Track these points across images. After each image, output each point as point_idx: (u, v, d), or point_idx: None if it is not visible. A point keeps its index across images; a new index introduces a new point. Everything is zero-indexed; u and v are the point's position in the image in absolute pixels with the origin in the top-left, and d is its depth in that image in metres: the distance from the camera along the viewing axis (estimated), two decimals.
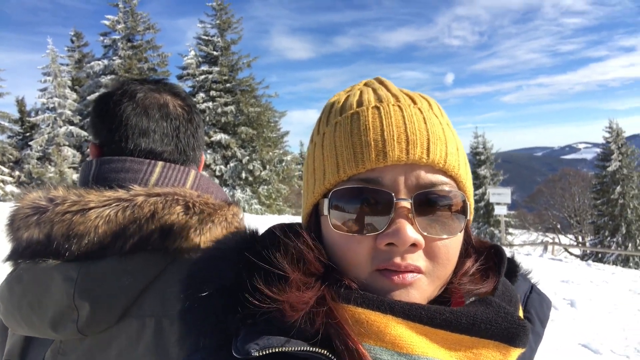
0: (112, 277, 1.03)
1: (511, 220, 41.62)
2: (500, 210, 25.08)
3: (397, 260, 0.70)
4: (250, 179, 32.10)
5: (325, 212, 0.75)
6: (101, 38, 34.69)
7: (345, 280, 0.72)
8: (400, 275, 0.70)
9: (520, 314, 0.83)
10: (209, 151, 32.88)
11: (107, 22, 33.96)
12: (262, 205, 32.26)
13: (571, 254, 28.29)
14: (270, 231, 0.83)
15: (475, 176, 44.22)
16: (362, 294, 0.70)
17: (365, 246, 0.72)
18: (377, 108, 0.75)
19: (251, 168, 31.75)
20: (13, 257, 1.11)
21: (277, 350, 0.66)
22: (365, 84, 0.86)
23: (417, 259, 0.72)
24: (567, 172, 45.91)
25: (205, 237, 1.08)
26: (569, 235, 41.45)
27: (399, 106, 0.75)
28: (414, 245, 0.70)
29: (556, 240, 34.48)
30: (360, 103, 0.78)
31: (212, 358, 0.71)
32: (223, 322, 0.72)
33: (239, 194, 31.20)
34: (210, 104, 33.15)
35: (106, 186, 1.12)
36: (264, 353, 0.65)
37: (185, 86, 35.42)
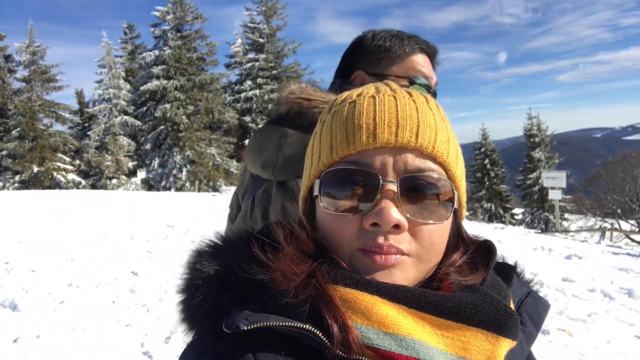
0: (297, 144, 1.43)
1: (567, 205, 39.83)
2: (555, 195, 24.03)
3: (380, 240, 0.72)
4: None
5: (317, 192, 0.79)
6: (152, 29, 35.81)
7: (335, 259, 0.75)
8: (383, 257, 0.72)
9: (512, 306, 0.83)
10: None
11: (157, 13, 34.96)
12: None
13: (633, 240, 26.43)
14: (268, 224, 0.86)
15: (529, 159, 42.68)
16: (350, 274, 0.72)
17: (352, 226, 0.74)
18: (373, 97, 0.80)
19: None
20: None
21: (265, 324, 0.68)
22: (372, 85, 0.89)
23: (401, 241, 0.73)
24: (629, 154, 43.19)
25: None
26: (630, 221, 39.01)
27: (394, 96, 0.80)
28: (398, 227, 0.72)
29: (615, 226, 32.62)
30: (359, 94, 0.83)
31: (204, 343, 0.74)
32: (217, 306, 0.75)
33: None
34: (257, 91, 33.59)
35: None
36: (253, 327, 0.67)
37: (233, 74, 36.07)
